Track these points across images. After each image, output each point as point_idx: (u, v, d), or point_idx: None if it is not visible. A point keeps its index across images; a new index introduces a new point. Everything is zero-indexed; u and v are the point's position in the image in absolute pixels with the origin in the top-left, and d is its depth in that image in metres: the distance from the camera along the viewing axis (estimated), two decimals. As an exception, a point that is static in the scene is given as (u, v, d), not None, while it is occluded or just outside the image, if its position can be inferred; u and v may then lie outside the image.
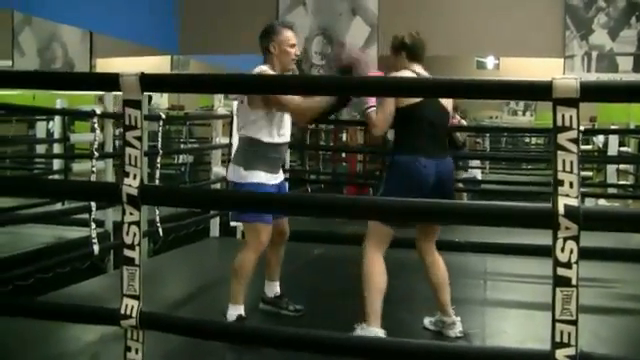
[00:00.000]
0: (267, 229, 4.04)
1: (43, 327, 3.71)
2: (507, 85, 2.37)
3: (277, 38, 4.12)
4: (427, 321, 4.27)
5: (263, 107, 3.95)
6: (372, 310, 3.79)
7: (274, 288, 4.50)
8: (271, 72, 4.03)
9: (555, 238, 2.14)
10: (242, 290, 4.02)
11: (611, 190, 9.57)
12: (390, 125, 3.95)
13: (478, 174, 12.06)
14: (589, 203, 7.92)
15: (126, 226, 2.54)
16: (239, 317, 3.95)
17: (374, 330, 3.75)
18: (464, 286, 5.45)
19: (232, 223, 7.01)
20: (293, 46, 4.17)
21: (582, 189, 2.13)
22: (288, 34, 4.16)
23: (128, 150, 2.54)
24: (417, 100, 3.84)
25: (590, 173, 12.19)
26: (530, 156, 15.08)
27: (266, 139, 4.01)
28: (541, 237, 2.31)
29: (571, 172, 2.13)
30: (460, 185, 10.11)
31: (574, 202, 2.12)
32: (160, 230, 6.30)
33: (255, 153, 4.01)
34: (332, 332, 2.62)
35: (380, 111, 3.86)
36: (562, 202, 2.12)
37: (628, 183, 10.22)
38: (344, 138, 12.06)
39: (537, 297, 4.26)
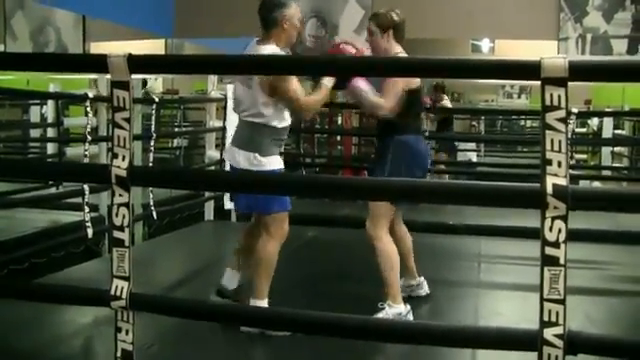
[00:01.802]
0: (287, 216, 3.88)
1: (36, 310, 3.72)
2: (497, 65, 2.37)
3: (288, 11, 3.83)
4: None
5: (272, 94, 3.73)
6: (396, 288, 3.96)
7: (236, 280, 4.13)
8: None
9: (543, 217, 2.14)
10: (268, 284, 3.80)
11: (606, 172, 9.59)
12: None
13: (473, 157, 12.07)
14: (584, 185, 7.93)
15: (115, 207, 2.54)
16: None
17: (401, 307, 3.95)
18: (458, 269, 5.48)
19: (227, 206, 7.01)
20: (301, 22, 4.00)
21: (577, 171, 2.13)
22: (297, 8, 3.92)
23: (117, 132, 2.53)
24: (418, 82, 4.01)
25: (585, 156, 12.21)
26: (525, 139, 15.06)
27: (278, 124, 3.81)
28: (535, 219, 2.31)
29: (559, 152, 2.13)
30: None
31: (563, 182, 2.12)
32: (154, 213, 6.30)
33: (269, 138, 3.78)
34: (339, 314, 2.60)
35: (392, 94, 3.91)
36: (550, 182, 2.12)
37: (623, 165, 10.24)
38: (339, 121, 12.04)
39: (531, 279, 4.23)
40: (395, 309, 3.93)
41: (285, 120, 3.85)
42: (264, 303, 3.74)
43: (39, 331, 3.72)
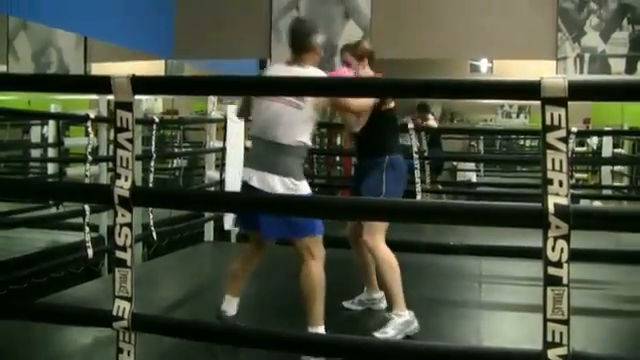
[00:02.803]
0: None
1: (37, 330, 3.72)
2: (496, 85, 2.38)
3: (320, 38, 3.88)
4: (349, 303, 4.64)
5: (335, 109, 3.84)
6: (400, 295, 4.06)
7: (235, 305, 4.05)
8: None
9: (545, 237, 2.14)
10: (322, 307, 3.69)
11: (606, 192, 9.59)
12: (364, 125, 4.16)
13: (473, 177, 12.08)
14: (585, 205, 7.93)
15: (118, 228, 2.54)
16: None
17: (406, 313, 4.06)
18: (459, 289, 5.47)
19: (226, 227, 7.00)
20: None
21: (577, 191, 2.14)
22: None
23: (120, 152, 2.54)
24: (394, 103, 4.22)
25: (585, 175, 12.21)
26: (524, 158, 15.06)
27: (309, 143, 3.81)
28: (535, 239, 2.32)
29: (560, 171, 2.13)
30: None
31: (564, 201, 2.12)
32: (154, 234, 6.29)
33: (300, 160, 3.77)
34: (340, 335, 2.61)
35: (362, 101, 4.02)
36: (552, 201, 2.12)
37: (623, 184, 10.24)
38: (338, 142, 12.06)
39: (532, 299, 4.23)
40: (403, 317, 4.03)
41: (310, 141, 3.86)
42: (322, 329, 3.66)
43: (40, 351, 3.71)
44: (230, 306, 4.02)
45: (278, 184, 3.63)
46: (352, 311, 4.62)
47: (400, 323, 4.01)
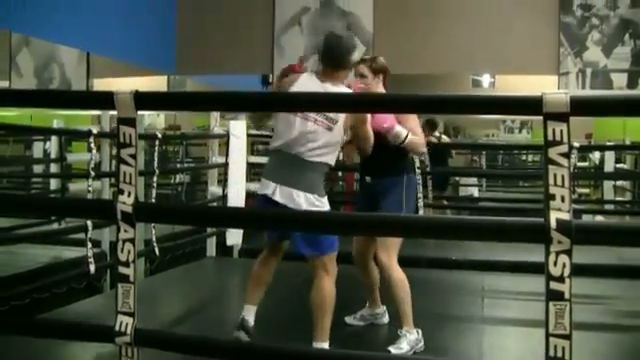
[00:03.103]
0: None
1: (39, 346, 3.71)
2: (499, 100, 2.39)
3: (355, 56, 3.87)
4: (351, 319, 4.66)
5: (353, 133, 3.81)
6: (410, 314, 4.11)
7: (253, 315, 4.05)
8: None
9: (547, 252, 2.14)
10: (329, 325, 3.75)
11: (608, 206, 9.58)
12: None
13: (475, 192, 12.08)
14: (587, 219, 7.92)
15: (121, 243, 2.54)
16: None
17: (415, 331, 4.11)
18: (462, 303, 5.46)
19: (229, 243, 7.01)
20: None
21: (579, 206, 2.13)
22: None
23: (123, 167, 2.54)
24: None
25: (587, 190, 12.21)
26: (527, 173, 15.06)
27: (333, 164, 3.84)
28: (538, 254, 2.31)
29: (563, 186, 2.13)
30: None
31: (566, 216, 2.13)
32: (156, 249, 6.29)
33: (323, 177, 3.83)
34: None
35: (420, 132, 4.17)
36: (554, 216, 2.12)
37: (625, 199, 10.23)
38: (340, 157, 12.10)
39: (535, 314, 4.23)
40: (413, 334, 4.08)
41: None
42: (326, 345, 3.70)
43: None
44: (250, 315, 4.02)
45: (303, 200, 3.65)
46: (354, 327, 4.61)
47: (412, 340, 4.06)
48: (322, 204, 3.71)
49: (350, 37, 4.10)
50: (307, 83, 3.80)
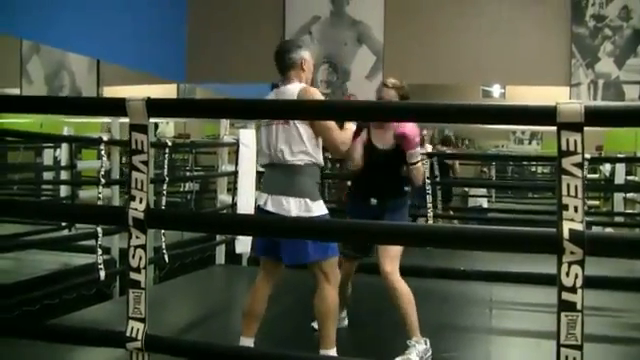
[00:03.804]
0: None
1: (48, 352, 3.71)
2: (512, 110, 2.38)
3: (305, 54, 3.90)
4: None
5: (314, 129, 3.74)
6: (417, 324, 4.08)
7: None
8: (319, 93, 3.84)
9: (560, 263, 2.13)
10: (335, 331, 3.78)
11: (618, 219, 9.55)
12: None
13: (484, 202, 12.06)
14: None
15: (132, 249, 2.55)
16: None
17: (422, 340, 4.08)
18: (470, 314, 5.45)
19: (238, 251, 7.01)
20: (314, 67, 4.04)
21: (589, 218, 2.13)
22: (312, 53, 3.99)
23: (134, 174, 2.55)
24: None
25: (597, 202, 12.17)
26: (537, 185, 15.03)
27: (321, 162, 3.82)
28: (546, 265, 2.31)
29: (576, 197, 2.12)
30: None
31: (579, 227, 2.12)
32: (166, 257, 6.30)
33: (314, 179, 3.77)
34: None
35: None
36: (567, 227, 2.12)
37: (636, 212, 10.20)
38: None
39: (543, 325, 4.26)
40: (422, 345, 4.06)
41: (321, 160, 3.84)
42: (334, 351, 3.71)
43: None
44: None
45: (293, 206, 3.64)
46: (360, 337, 4.61)
47: (421, 350, 4.04)
48: (312, 209, 3.66)
49: (293, 40, 4.34)
50: (273, 93, 3.93)
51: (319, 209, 3.71)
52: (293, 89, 3.78)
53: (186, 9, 9.25)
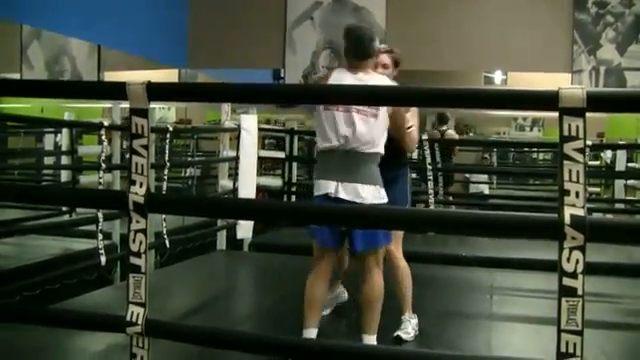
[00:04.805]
0: None
1: (49, 337, 3.72)
2: (514, 94, 2.37)
3: (377, 43, 3.91)
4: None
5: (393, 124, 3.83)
6: (410, 300, 4.24)
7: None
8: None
9: (561, 248, 2.13)
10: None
11: (619, 206, 9.55)
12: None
13: (485, 189, 12.05)
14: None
15: (132, 234, 2.55)
16: None
17: (415, 314, 4.26)
18: (471, 300, 5.45)
19: (239, 236, 7.02)
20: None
21: (589, 205, 2.11)
22: None
23: (135, 158, 2.55)
24: None
25: (598, 189, 12.17)
26: (538, 171, 15.02)
27: (383, 152, 3.83)
28: (547, 251, 2.30)
29: (577, 182, 2.12)
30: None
31: (581, 212, 2.11)
32: (167, 242, 6.30)
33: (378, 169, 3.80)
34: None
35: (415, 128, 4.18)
36: (568, 212, 2.11)
37: (636, 199, 10.20)
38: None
39: (544, 311, 4.26)
40: (414, 319, 4.25)
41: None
42: (375, 338, 3.77)
43: (53, 357, 3.72)
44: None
45: (369, 194, 3.64)
46: (349, 317, 4.60)
47: (414, 324, 4.23)
48: (382, 196, 3.71)
49: (369, 26, 4.20)
50: (341, 77, 3.79)
51: (385, 196, 3.75)
52: (379, 78, 3.80)
53: (187, -6, 9.22)
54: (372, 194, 3.65)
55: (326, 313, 4.55)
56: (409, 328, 4.18)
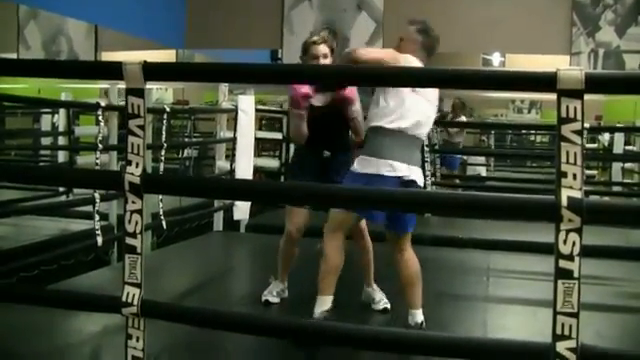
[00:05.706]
0: None
1: (46, 318, 3.72)
2: (512, 76, 2.36)
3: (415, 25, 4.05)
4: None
5: None
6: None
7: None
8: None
9: (558, 230, 2.13)
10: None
11: (616, 188, 9.55)
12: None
13: (483, 171, 12.05)
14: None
15: (128, 214, 2.54)
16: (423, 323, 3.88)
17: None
18: (467, 283, 5.45)
19: (236, 217, 7.01)
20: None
21: (587, 187, 2.11)
22: None
23: (131, 139, 2.54)
24: None
25: (595, 172, 12.17)
26: (535, 154, 15.00)
27: None
28: (544, 234, 2.30)
29: (575, 164, 2.12)
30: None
31: (578, 194, 2.11)
32: (164, 223, 6.29)
33: None
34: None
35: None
36: (565, 194, 2.11)
37: (633, 182, 10.20)
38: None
39: (540, 294, 4.26)
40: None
41: None
42: (421, 312, 3.88)
43: (49, 337, 3.72)
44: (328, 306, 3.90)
45: (420, 177, 3.80)
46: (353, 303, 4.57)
47: (380, 290, 4.43)
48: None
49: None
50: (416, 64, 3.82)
51: None
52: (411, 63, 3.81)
53: (185, -26, 9.19)
54: (421, 177, 3.82)
55: (276, 301, 4.48)
56: (381, 295, 4.37)
